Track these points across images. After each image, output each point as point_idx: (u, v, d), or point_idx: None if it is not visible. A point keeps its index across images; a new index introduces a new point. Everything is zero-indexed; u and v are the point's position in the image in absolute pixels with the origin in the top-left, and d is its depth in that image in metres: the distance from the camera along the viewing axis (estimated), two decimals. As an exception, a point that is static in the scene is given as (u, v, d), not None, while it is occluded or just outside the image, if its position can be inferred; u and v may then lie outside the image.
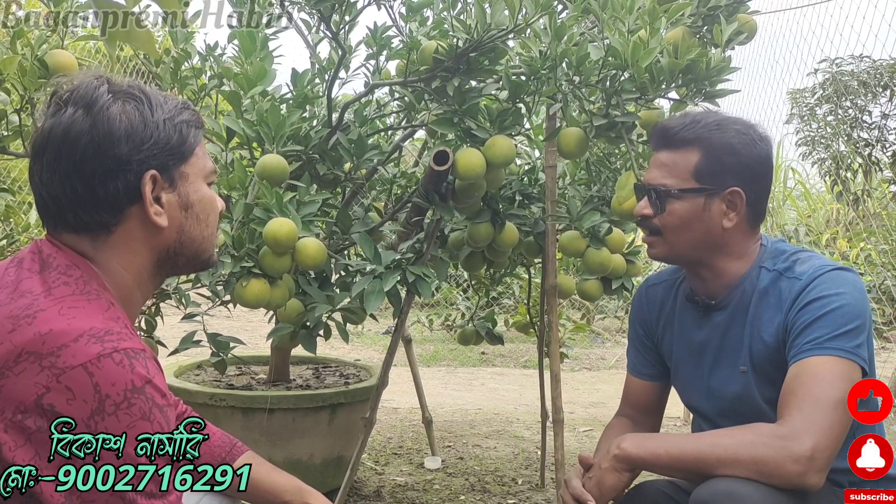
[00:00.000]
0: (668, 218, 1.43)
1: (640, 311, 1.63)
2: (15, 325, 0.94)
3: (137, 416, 0.93)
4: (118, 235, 1.05)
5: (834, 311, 1.29)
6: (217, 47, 2.35)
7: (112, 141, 1.01)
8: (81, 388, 0.90)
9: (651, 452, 1.26)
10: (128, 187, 1.03)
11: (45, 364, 0.91)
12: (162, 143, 1.05)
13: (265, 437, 2.44)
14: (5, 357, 0.91)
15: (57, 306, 0.96)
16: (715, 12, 1.95)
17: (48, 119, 1.03)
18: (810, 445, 1.18)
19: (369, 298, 1.97)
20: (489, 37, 1.88)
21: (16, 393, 0.90)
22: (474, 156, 1.96)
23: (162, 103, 1.07)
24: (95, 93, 1.03)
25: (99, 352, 0.92)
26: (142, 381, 0.93)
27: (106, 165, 1.02)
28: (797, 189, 9.06)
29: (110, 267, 1.05)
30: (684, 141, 1.42)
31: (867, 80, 6.29)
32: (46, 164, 1.02)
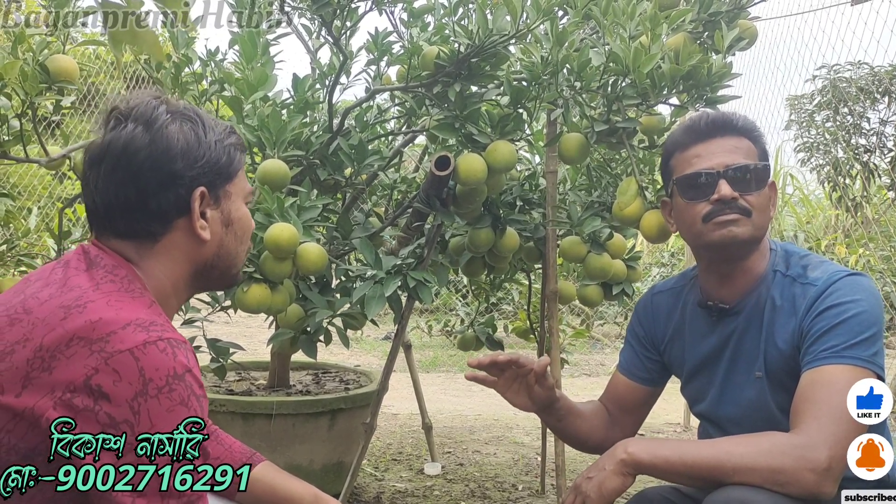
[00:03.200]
0: (760, 198, 1.40)
1: (645, 319, 1.62)
2: (66, 313, 1.00)
3: (177, 401, 0.98)
4: (163, 245, 1.13)
5: (850, 318, 1.29)
6: (218, 52, 2.36)
7: (169, 157, 1.10)
8: (128, 371, 0.96)
9: (664, 459, 1.25)
10: (178, 201, 1.12)
11: (94, 348, 0.97)
12: (212, 162, 1.14)
13: (265, 443, 2.43)
14: (57, 342, 0.97)
15: (105, 298, 1.03)
16: (716, 18, 1.95)
17: (107, 132, 1.11)
18: (827, 455, 1.17)
19: (370, 303, 1.96)
20: (491, 42, 1.89)
21: (66, 374, 0.96)
22: (475, 161, 1.96)
23: (213, 126, 1.17)
24: (155, 112, 1.12)
25: (145, 339, 0.98)
26: (183, 369, 1.00)
27: (161, 179, 1.10)
28: (796, 195, 9.07)
29: (152, 273, 1.12)
30: (744, 130, 1.44)
31: (865, 87, 6.30)
32: (103, 174, 1.09)
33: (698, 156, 1.42)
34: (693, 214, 1.42)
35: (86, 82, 5.63)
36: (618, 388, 1.63)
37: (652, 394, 1.62)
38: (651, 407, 1.65)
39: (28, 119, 2.05)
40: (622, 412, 1.61)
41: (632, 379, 1.62)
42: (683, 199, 1.44)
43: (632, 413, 1.62)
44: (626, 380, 1.62)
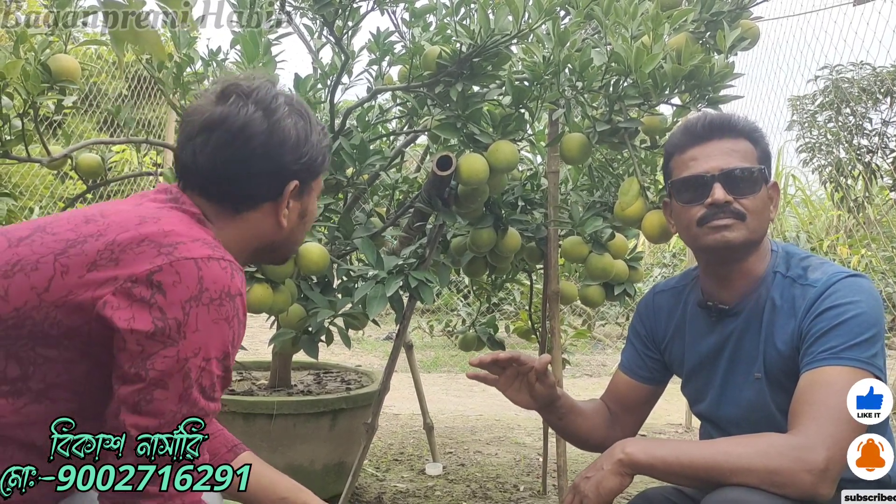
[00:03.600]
0: (757, 201, 1.39)
1: (647, 318, 1.62)
2: (142, 221, 1.08)
3: (223, 316, 1.04)
4: (243, 218, 1.21)
5: (850, 320, 1.28)
6: (220, 52, 2.35)
7: (281, 149, 1.18)
8: (188, 276, 1.03)
9: (661, 459, 1.25)
10: (274, 188, 1.20)
11: (162, 251, 1.04)
12: (311, 160, 1.23)
13: (266, 443, 2.43)
14: (129, 241, 1.05)
15: (178, 219, 1.11)
16: (718, 18, 1.95)
17: (225, 105, 1.17)
18: (825, 457, 1.17)
19: (371, 303, 1.96)
20: (493, 42, 1.88)
21: (132, 266, 1.02)
22: (477, 161, 1.96)
23: (315, 125, 1.25)
24: (275, 102, 1.19)
25: (209, 254, 1.06)
26: (236, 290, 1.07)
27: (268, 167, 1.18)
28: (798, 196, 9.06)
29: (221, 234, 1.18)
30: (744, 131, 1.42)
31: (868, 87, 6.30)
32: (213, 142, 1.16)
33: (695, 158, 1.42)
34: (689, 217, 1.43)
35: (87, 82, 5.63)
36: (619, 387, 1.63)
37: (653, 393, 1.62)
38: (652, 406, 1.64)
39: (30, 118, 2.05)
40: (623, 411, 1.61)
41: (633, 378, 1.61)
42: (679, 202, 1.45)
43: (633, 412, 1.62)
44: (628, 378, 1.62)
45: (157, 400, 1.01)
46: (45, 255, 1.05)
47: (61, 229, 1.08)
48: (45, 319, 1.02)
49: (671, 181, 1.47)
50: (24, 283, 1.03)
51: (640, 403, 1.62)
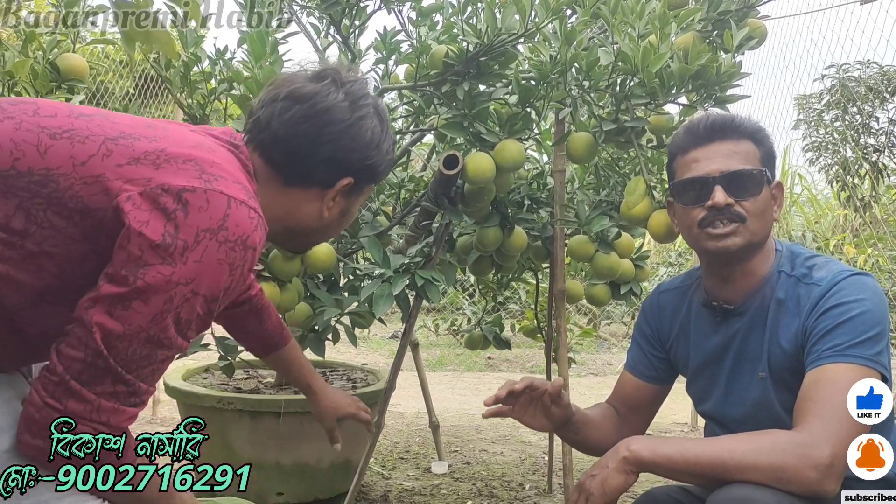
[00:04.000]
0: (757, 204, 1.39)
1: (652, 317, 1.62)
2: (197, 145, 1.09)
3: (229, 260, 1.04)
4: (288, 193, 1.22)
5: (854, 317, 1.28)
6: (227, 51, 2.36)
7: (353, 144, 1.20)
8: (216, 208, 1.03)
9: (666, 457, 1.25)
10: (330, 178, 1.22)
11: (203, 176, 1.05)
12: (374, 166, 1.25)
13: (273, 441, 2.44)
14: (178, 155, 1.05)
15: (230, 160, 1.13)
16: (725, 17, 1.95)
17: (318, 84, 1.20)
18: (830, 453, 1.17)
19: (378, 302, 1.97)
20: (500, 41, 1.89)
21: (170, 176, 1.03)
22: (484, 160, 1.97)
23: (389, 136, 1.27)
24: (364, 100, 1.22)
25: (244, 200, 1.06)
26: (254, 243, 1.06)
27: (334, 156, 1.20)
28: (804, 195, 9.04)
29: (262, 197, 1.17)
30: (746, 133, 1.42)
31: (875, 86, 6.28)
32: (294, 113, 1.18)
33: (696, 160, 1.42)
34: (690, 219, 1.43)
35: (95, 81, 5.65)
36: (626, 388, 1.63)
37: (660, 392, 1.62)
38: (659, 406, 1.64)
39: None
40: (631, 411, 1.61)
41: (639, 377, 1.61)
42: (680, 204, 1.45)
43: (640, 412, 1.62)
44: (634, 378, 1.62)
45: (132, 310, 0.99)
46: (96, 134, 1.05)
47: (122, 122, 1.09)
48: (69, 190, 1.01)
49: (672, 183, 1.48)
50: (66, 149, 1.03)
51: (647, 403, 1.62)
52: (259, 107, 1.21)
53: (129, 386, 1.02)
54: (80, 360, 0.99)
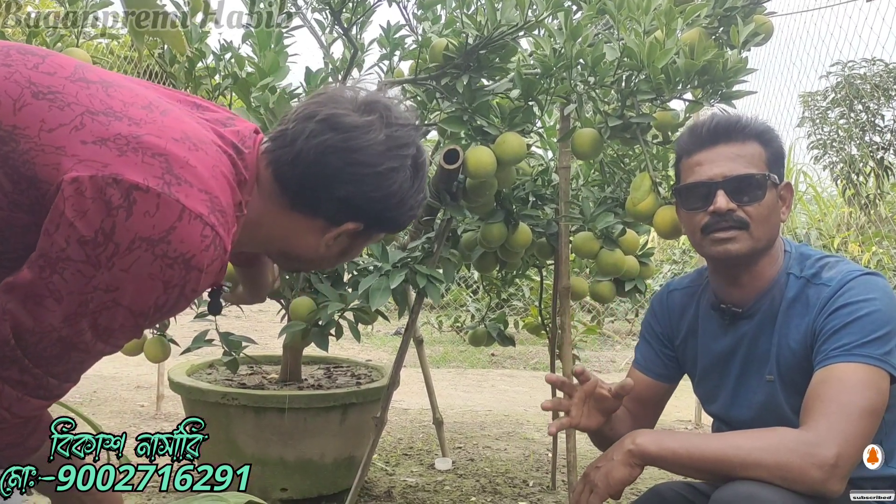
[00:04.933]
0: (761, 208, 1.37)
1: (661, 316, 1.62)
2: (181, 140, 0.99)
3: (163, 277, 0.94)
4: (290, 216, 1.12)
5: (863, 317, 1.27)
6: (231, 47, 2.36)
7: (375, 194, 1.09)
8: (164, 217, 0.93)
9: (671, 451, 1.25)
10: (338, 216, 1.12)
11: (165, 177, 0.94)
12: (392, 218, 1.15)
13: (277, 437, 2.44)
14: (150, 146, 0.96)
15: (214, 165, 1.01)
16: (731, 13, 1.94)
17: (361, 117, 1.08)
18: (835, 453, 1.17)
19: (374, 295, 1.97)
20: (499, 34, 1.88)
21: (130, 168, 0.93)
22: (484, 153, 1.96)
23: (418, 193, 1.16)
24: (405, 150, 1.10)
25: (202, 214, 0.95)
26: (199, 264, 0.96)
27: (350, 198, 1.09)
28: (808, 193, 9.02)
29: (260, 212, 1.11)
30: (751, 134, 1.40)
31: (881, 83, 6.26)
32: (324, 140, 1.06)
33: (700, 164, 1.41)
34: (693, 224, 1.42)
35: (99, 77, 5.65)
36: (636, 386, 1.60)
37: (668, 389, 1.62)
38: (665, 403, 1.64)
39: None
40: (639, 407, 1.61)
41: (649, 375, 1.61)
42: (683, 209, 1.45)
43: (648, 408, 1.62)
44: (644, 376, 1.61)
45: (44, 307, 0.92)
46: (81, 103, 0.97)
47: (119, 96, 1.01)
48: (26, 154, 0.93)
49: (676, 187, 1.48)
50: (42, 111, 0.95)
51: (656, 400, 1.62)
52: (292, 118, 1.10)
53: (36, 379, 0.96)
54: None
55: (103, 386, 4.59)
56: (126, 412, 3.97)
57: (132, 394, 4.43)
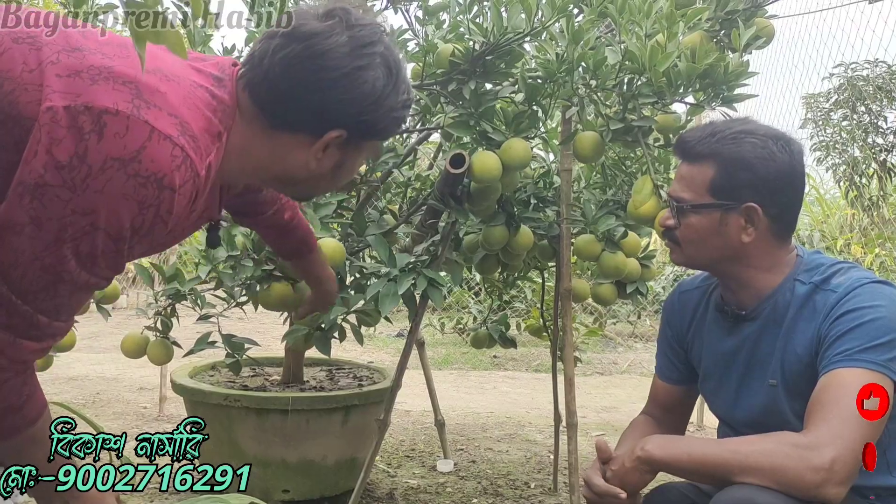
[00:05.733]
0: (685, 231, 1.44)
1: (672, 316, 1.64)
2: (154, 71, 1.00)
3: (136, 196, 0.96)
4: (274, 136, 1.11)
5: (867, 323, 1.27)
6: (234, 50, 2.36)
7: (347, 95, 1.07)
8: (133, 138, 0.95)
9: (674, 456, 1.26)
10: (320, 126, 1.10)
11: (135, 102, 0.96)
12: (372, 122, 1.12)
13: (279, 438, 2.45)
14: (120, 75, 0.98)
15: (187, 95, 1.03)
16: (733, 16, 1.95)
17: (322, 21, 1.07)
18: (830, 457, 1.17)
19: (384, 301, 1.97)
20: (505, 40, 1.89)
21: (99, 95, 0.95)
22: (490, 158, 1.96)
23: (398, 89, 1.12)
24: (370, 48, 1.08)
25: (171, 136, 0.97)
26: (171, 183, 0.97)
27: (320, 103, 1.08)
28: (811, 194, 9.01)
29: (245, 140, 1.10)
30: (700, 155, 1.41)
31: (883, 85, 6.25)
32: (287, 52, 1.06)
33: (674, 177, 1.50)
34: None
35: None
36: (657, 391, 1.66)
37: (688, 391, 1.64)
38: (692, 404, 1.68)
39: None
40: (665, 413, 1.64)
41: (667, 381, 1.64)
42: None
43: (673, 412, 1.64)
44: (663, 383, 1.65)
45: (24, 234, 0.94)
46: (58, 43, 1.00)
47: (93, 37, 1.04)
48: (10, 94, 0.96)
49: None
50: (22, 53, 0.99)
51: (679, 404, 1.64)
52: (259, 40, 1.11)
53: (25, 318, 0.97)
54: None
55: (106, 388, 4.59)
56: (129, 414, 3.97)
57: (135, 395, 4.43)
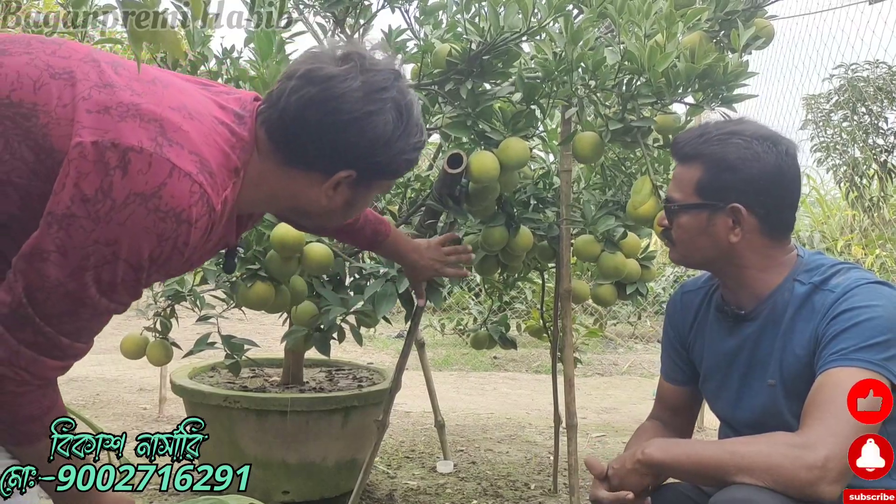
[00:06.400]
0: (677, 231, 1.46)
1: (674, 317, 1.64)
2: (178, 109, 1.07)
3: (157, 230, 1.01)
4: (289, 173, 1.17)
5: (863, 322, 1.27)
6: (233, 50, 2.36)
7: (359, 138, 1.13)
8: (155, 175, 1.00)
9: (673, 457, 1.27)
10: (332, 167, 1.16)
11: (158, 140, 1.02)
12: (384, 164, 1.18)
13: (279, 440, 2.44)
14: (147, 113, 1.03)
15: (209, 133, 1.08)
16: (732, 17, 1.95)
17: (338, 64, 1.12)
18: (824, 455, 1.17)
19: (381, 301, 1.97)
20: (502, 39, 1.89)
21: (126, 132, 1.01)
22: (488, 158, 1.96)
23: (410, 132, 1.18)
24: (383, 93, 1.13)
25: (191, 172, 1.03)
26: (189, 217, 1.03)
27: (334, 145, 1.14)
28: (812, 195, 9.00)
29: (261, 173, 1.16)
30: (688, 156, 1.44)
31: (884, 86, 6.25)
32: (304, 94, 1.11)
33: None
34: None
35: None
36: (664, 394, 1.66)
37: (692, 394, 1.64)
38: (699, 405, 1.68)
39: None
40: (672, 414, 1.64)
41: (673, 383, 1.65)
42: None
43: (680, 414, 1.65)
44: (669, 385, 1.65)
45: (50, 262, 0.99)
46: (90, 79, 1.05)
47: (125, 73, 1.09)
48: (45, 127, 1.02)
49: None
50: (58, 88, 1.04)
51: (685, 405, 1.65)
52: (279, 79, 1.17)
53: (48, 339, 1.02)
54: (6, 305, 1.01)
55: (106, 389, 4.59)
56: (129, 415, 3.97)
57: (135, 397, 4.43)
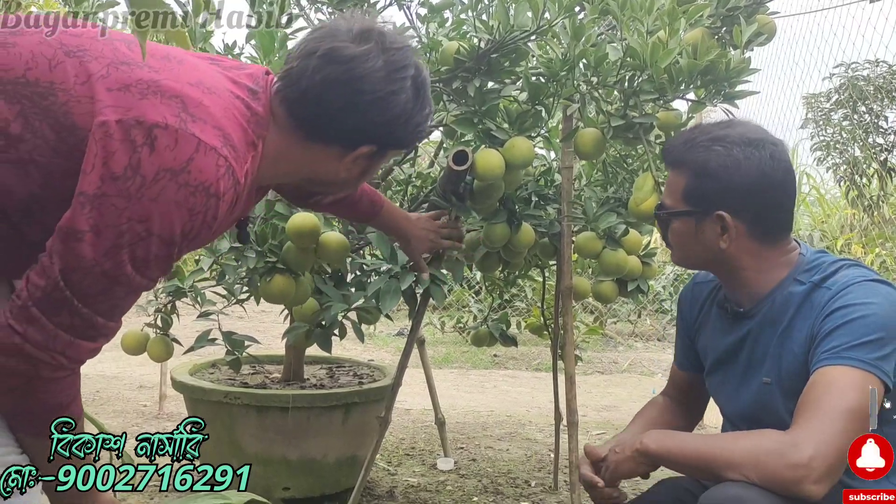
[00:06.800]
0: (671, 236, 1.49)
1: (683, 306, 1.66)
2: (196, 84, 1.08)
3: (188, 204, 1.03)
4: (309, 147, 1.19)
5: (856, 320, 1.27)
6: (235, 47, 2.36)
7: (380, 116, 1.16)
8: (183, 150, 1.02)
9: (668, 449, 1.29)
10: (352, 142, 1.20)
11: (182, 115, 1.04)
12: (400, 137, 1.23)
13: (280, 436, 2.45)
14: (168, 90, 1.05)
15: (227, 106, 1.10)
16: (734, 13, 1.94)
17: (360, 43, 1.13)
18: (809, 454, 1.17)
19: (385, 297, 1.97)
20: (511, 38, 1.88)
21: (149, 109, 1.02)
22: (494, 156, 1.96)
23: (424, 108, 1.23)
24: (404, 72, 1.16)
25: (216, 146, 1.05)
26: (217, 191, 1.05)
27: (358, 123, 1.17)
28: (811, 194, 9.00)
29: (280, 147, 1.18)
30: (675, 162, 1.45)
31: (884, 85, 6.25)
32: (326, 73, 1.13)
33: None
34: None
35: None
36: (675, 377, 1.70)
37: (700, 380, 1.64)
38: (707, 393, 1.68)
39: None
40: (683, 397, 1.67)
41: (680, 368, 1.68)
42: None
43: (690, 398, 1.67)
44: (680, 371, 1.68)
45: (85, 242, 1.00)
46: (106, 56, 1.07)
47: (138, 48, 1.09)
48: (64, 105, 1.03)
49: None
50: (73, 66, 1.05)
51: (693, 390, 1.66)
52: (296, 56, 1.17)
53: (84, 319, 1.03)
54: (41, 289, 1.01)
55: (106, 385, 4.59)
56: (129, 412, 3.97)
57: (135, 393, 4.43)
